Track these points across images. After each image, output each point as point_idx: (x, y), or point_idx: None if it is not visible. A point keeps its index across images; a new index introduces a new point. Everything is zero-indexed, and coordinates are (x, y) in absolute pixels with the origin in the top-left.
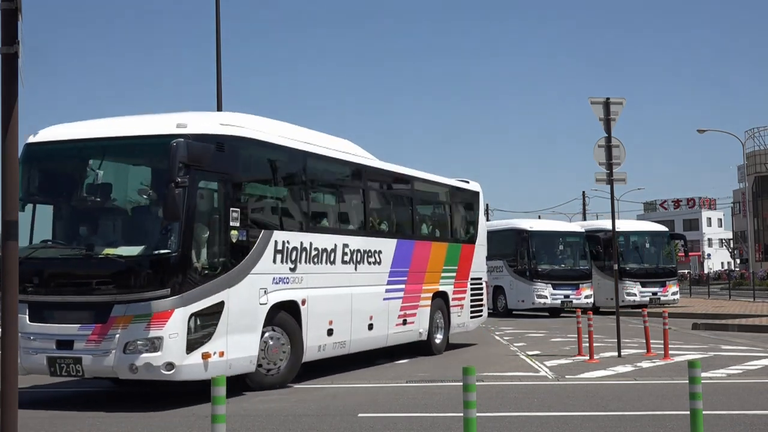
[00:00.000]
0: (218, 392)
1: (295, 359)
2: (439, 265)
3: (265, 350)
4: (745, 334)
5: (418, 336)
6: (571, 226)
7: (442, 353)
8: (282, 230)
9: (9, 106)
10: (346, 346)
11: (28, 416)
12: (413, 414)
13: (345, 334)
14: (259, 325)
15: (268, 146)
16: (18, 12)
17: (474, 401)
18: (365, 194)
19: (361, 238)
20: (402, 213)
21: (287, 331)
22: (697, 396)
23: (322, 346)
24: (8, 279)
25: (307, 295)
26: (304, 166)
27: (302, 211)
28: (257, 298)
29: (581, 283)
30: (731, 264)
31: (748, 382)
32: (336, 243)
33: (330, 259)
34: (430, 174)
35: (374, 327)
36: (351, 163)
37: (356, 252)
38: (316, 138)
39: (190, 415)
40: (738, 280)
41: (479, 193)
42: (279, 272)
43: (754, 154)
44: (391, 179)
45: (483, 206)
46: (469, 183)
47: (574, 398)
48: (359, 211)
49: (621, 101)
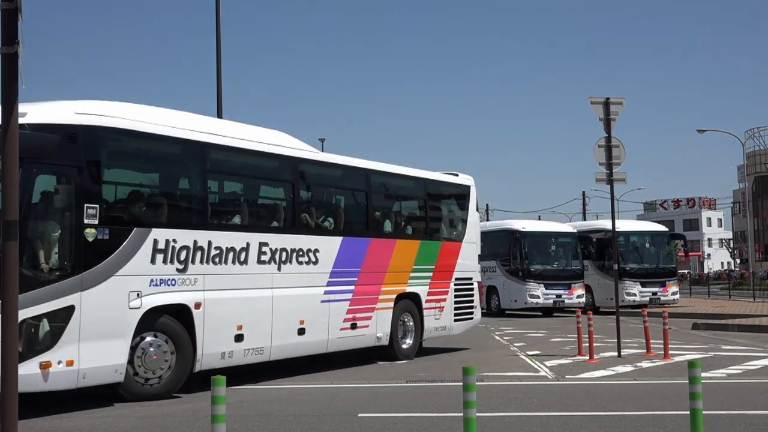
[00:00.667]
0: (218, 392)
1: (181, 368)
2: (406, 265)
3: (141, 358)
4: (745, 334)
5: (376, 341)
6: (563, 226)
7: (412, 359)
8: (166, 228)
9: (9, 106)
10: (265, 352)
11: (29, 416)
12: (413, 414)
13: (262, 339)
14: (128, 331)
15: (139, 136)
16: (18, 12)
17: (474, 401)
18: (294, 189)
19: (286, 236)
20: (352, 209)
21: (172, 338)
22: (697, 396)
23: (228, 353)
24: (8, 279)
25: (204, 298)
26: (200, 158)
27: (197, 207)
28: (126, 302)
29: (573, 283)
30: (731, 264)
31: (748, 382)
32: (249, 241)
33: (239, 258)
34: (396, 166)
35: (307, 332)
36: (271, 154)
37: (279, 251)
38: (228, 128)
39: (190, 415)
40: (738, 280)
41: (470, 188)
42: (160, 273)
43: (754, 154)
44: (336, 173)
45: (474, 201)
46: (459, 176)
47: (574, 398)
48: (285, 206)
49: (621, 101)
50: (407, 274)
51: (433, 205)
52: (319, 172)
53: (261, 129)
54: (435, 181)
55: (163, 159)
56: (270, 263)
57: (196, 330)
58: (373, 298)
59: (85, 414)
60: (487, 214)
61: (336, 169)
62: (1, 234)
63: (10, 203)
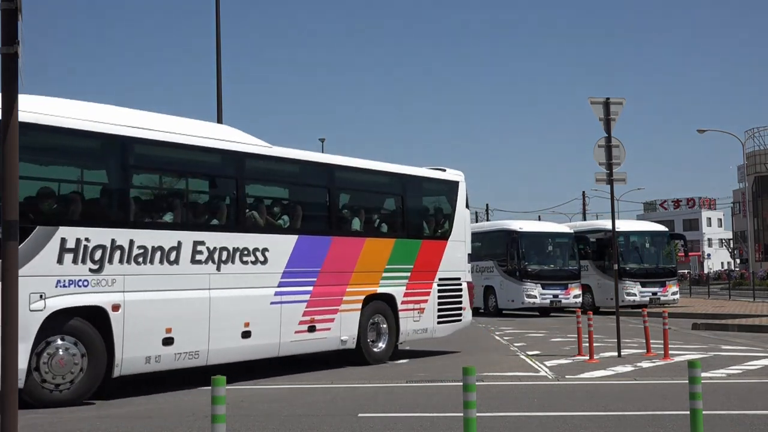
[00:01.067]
0: (218, 392)
1: (94, 372)
2: (378, 264)
3: (48, 363)
4: (745, 334)
5: (340, 344)
6: (559, 226)
7: (386, 362)
8: (77, 226)
9: (9, 106)
10: (201, 356)
11: (28, 416)
12: (413, 414)
13: (197, 343)
14: (29, 336)
15: (46, 130)
16: (18, 12)
17: (474, 401)
18: (237, 185)
19: (228, 234)
20: (312, 206)
21: (83, 341)
22: (697, 396)
23: (155, 357)
24: (8, 278)
25: (124, 300)
26: (118, 153)
27: (115, 204)
28: (26, 304)
29: (570, 283)
30: (731, 264)
31: (748, 382)
32: (180, 240)
33: (169, 258)
34: (368, 161)
35: (254, 335)
36: (207, 149)
37: (219, 250)
38: (160, 123)
39: (190, 415)
40: (738, 280)
41: (458, 183)
42: (69, 274)
43: (754, 154)
44: (292, 169)
45: (463, 199)
46: (446, 171)
47: (574, 398)
48: (227, 203)
49: (621, 101)
50: (379, 274)
51: (411, 202)
52: (270, 167)
53: (204, 123)
54: (414, 177)
55: (76, 154)
56: (207, 263)
57: (114, 333)
58: (336, 300)
59: (85, 414)
60: (487, 214)
61: (291, 164)
62: (1, 234)
63: (10, 203)
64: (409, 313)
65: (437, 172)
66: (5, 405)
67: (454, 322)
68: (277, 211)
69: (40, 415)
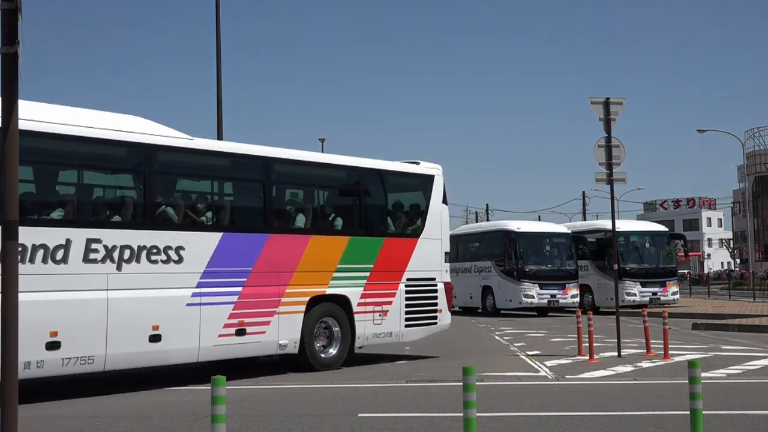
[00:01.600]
0: (218, 392)
1: None
2: (326, 264)
3: None
4: (745, 334)
5: (279, 348)
6: (557, 227)
7: (338, 368)
8: None
9: (9, 106)
10: (97, 361)
11: (29, 416)
12: (413, 414)
13: (91, 347)
14: None
15: None
16: (18, 12)
17: (474, 401)
18: (145, 179)
19: (132, 231)
20: (242, 201)
21: None
22: (697, 396)
23: (36, 362)
24: (8, 278)
25: None
26: None
27: None
28: None
29: (567, 282)
30: (731, 264)
31: (748, 382)
32: (69, 238)
33: (54, 257)
34: (316, 154)
35: (165, 339)
36: (104, 141)
37: (120, 248)
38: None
39: (190, 415)
40: (738, 280)
41: (433, 177)
42: None
43: (754, 154)
44: (218, 162)
45: (440, 194)
46: (420, 165)
47: (574, 398)
48: (132, 199)
49: (621, 101)
50: (329, 274)
51: (371, 198)
52: (189, 161)
53: (109, 114)
54: (375, 170)
55: None
56: (105, 262)
57: None
58: (272, 301)
59: (85, 415)
60: (487, 214)
61: (217, 158)
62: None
63: (10, 203)
64: (368, 316)
65: (408, 165)
66: (5, 405)
67: (427, 325)
68: (200, 208)
69: (40, 415)
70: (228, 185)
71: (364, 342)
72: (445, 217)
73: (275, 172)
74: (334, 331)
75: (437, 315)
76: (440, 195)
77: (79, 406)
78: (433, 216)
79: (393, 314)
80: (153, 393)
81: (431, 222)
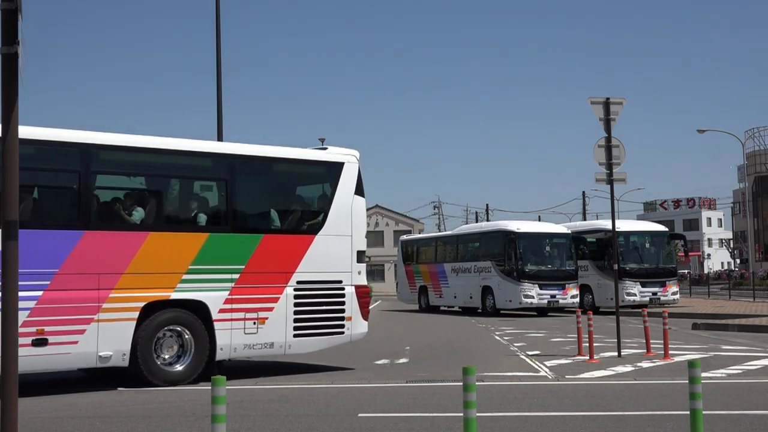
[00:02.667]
0: (218, 392)
1: None
2: (174, 264)
3: None
4: (745, 334)
5: (99, 361)
6: (557, 227)
7: (189, 382)
8: None
9: (9, 106)
10: None
11: (28, 416)
12: (413, 414)
13: None
14: None
15: None
16: (18, 12)
17: (474, 401)
18: None
19: None
20: (47, 194)
21: None
22: (697, 396)
23: None
24: (8, 279)
25: None
26: None
27: None
28: None
29: (567, 283)
30: (731, 264)
31: (748, 382)
32: None
33: None
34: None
35: None
36: None
37: None
38: None
39: (190, 415)
40: (738, 280)
41: (342, 165)
42: None
43: (754, 154)
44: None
45: (351, 185)
46: (327, 150)
47: (574, 398)
48: None
49: (621, 101)
50: (176, 277)
51: (245, 189)
52: None
53: None
54: (253, 157)
55: None
56: None
57: None
58: (86, 308)
59: (85, 415)
60: (487, 214)
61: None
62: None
63: (10, 203)
64: (235, 324)
65: (309, 151)
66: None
67: (327, 335)
68: None
69: (39, 415)
70: (28, 176)
71: (230, 353)
72: (359, 211)
73: (94, 160)
74: (186, 340)
75: (344, 323)
76: (352, 185)
77: (79, 405)
78: (340, 209)
79: (274, 322)
80: (153, 393)
81: (337, 216)
